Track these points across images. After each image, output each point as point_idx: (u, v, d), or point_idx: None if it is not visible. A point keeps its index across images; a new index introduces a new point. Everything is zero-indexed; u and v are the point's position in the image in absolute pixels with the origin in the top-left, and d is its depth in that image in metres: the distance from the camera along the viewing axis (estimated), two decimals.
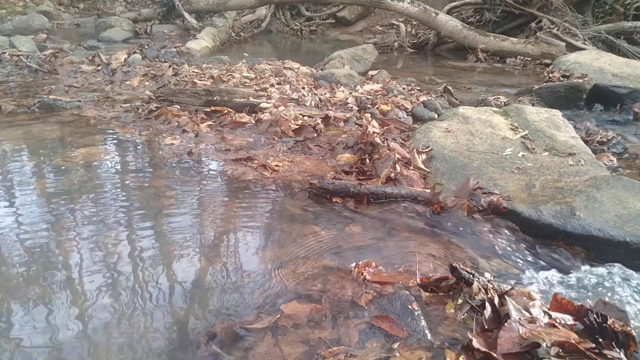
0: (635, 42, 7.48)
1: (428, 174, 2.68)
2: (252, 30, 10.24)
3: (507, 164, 2.65)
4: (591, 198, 2.17)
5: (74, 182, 2.55)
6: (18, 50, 6.09)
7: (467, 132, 3.08)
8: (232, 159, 2.89)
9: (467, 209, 2.24)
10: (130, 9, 12.35)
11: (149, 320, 1.53)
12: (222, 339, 1.43)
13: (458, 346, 1.39)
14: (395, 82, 5.15)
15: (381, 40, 9.51)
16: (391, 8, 8.39)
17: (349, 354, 1.35)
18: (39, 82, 4.92)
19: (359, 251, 1.95)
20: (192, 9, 9.68)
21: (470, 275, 1.62)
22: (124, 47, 7.28)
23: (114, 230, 2.08)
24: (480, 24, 8.85)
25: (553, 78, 5.44)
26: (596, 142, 3.48)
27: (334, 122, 3.63)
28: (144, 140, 3.28)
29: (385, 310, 1.53)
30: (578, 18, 8.22)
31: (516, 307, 1.44)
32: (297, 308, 1.55)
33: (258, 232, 2.15)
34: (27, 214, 2.20)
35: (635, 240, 1.93)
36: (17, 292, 1.65)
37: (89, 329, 1.48)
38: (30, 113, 3.79)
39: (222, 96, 3.98)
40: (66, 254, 1.89)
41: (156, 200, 2.36)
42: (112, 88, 4.76)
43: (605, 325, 1.34)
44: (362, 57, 7.02)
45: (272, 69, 5.46)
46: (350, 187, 2.40)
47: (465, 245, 2.04)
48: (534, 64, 7.10)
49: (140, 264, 1.85)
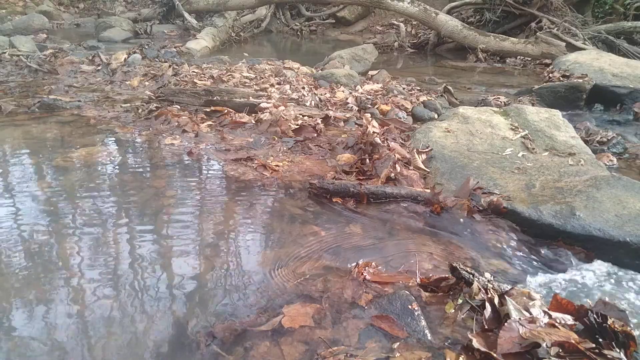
0: (635, 42, 7.48)
1: (428, 174, 2.68)
2: (252, 30, 10.24)
3: (507, 164, 2.65)
4: (591, 198, 2.17)
5: (74, 182, 2.55)
6: (18, 50, 6.09)
7: (467, 132, 3.08)
8: (232, 159, 2.89)
9: (467, 209, 2.24)
10: (130, 9, 12.34)
11: (149, 320, 1.53)
12: (222, 339, 1.43)
13: (458, 346, 1.39)
14: (395, 82, 5.15)
15: (381, 40, 9.50)
16: (391, 8, 8.39)
17: (349, 354, 1.35)
18: (39, 82, 4.92)
19: (359, 251, 1.95)
20: (192, 9, 9.68)
21: (470, 275, 1.62)
22: (124, 47, 7.28)
23: (114, 230, 2.09)
24: (480, 24, 8.85)
25: (553, 78, 5.45)
26: (596, 142, 3.48)
27: (334, 122, 3.63)
28: (144, 140, 3.27)
29: (385, 310, 1.53)
30: (578, 18, 8.22)
31: (516, 307, 1.44)
32: (298, 310, 1.54)
33: (258, 232, 2.15)
34: (27, 213, 2.20)
35: (635, 240, 1.93)
36: (16, 292, 1.65)
37: (89, 329, 1.48)
38: (30, 113, 3.79)
39: (222, 96, 3.98)
40: (66, 254, 1.89)
41: (156, 200, 2.36)
42: (112, 88, 4.76)
43: (605, 325, 1.34)
44: (362, 57, 7.02)
45: (272, 69, 5.46)
46: (350, 187, 2.40)
47: (465, 245, 2.04)
48: (534, 64, 7.10)
49: (140, 263, 1.85)
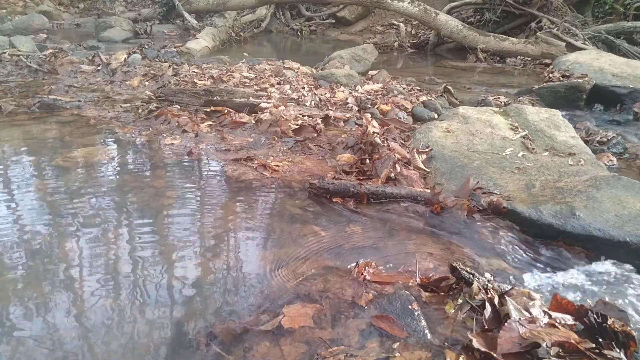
0: (635, 42, 7.48)
1: (428, 174, 2.68)
2: (252, 30, 10.24)
3: (507, 164, 2.65)
4: (591, 198, 2.17)
5: (74, 182, 2.55)
6: (18, 50, 6.09)
7: (467, 132, 3.08)
8: (232, 159, 2.89)
9: (467, 209, 2.24)
10: (130, 9, 12.33)
11: (149, 320, 1.53)
12: (222, 338, 1.43)
13: (458, 346, 1.39)
14: (395, 82, 5.15)
15: (381, 40, 9.50)
16: (391, 8, 8.39)
17: (349, 354, 1.35)
18: (39, 82, 4.91)
19: (359, 251, 1.95)
20: (192, 9, 9.67)
21: (470, 275, 1.62)
22: (124, 47, 7.27)
23: (114, 230, 2.09)
24: (480, 24, 8.85)
25: (553, 78, 5.45)
26: (596, 142, 3.49)
27: (334, 122, 3.63)
28: (144, 140, 3.27)
29: (385, 310, 1.53)
30: (578, 18, 8.22)
31: (516, 307, 1.44)
32: (299, 310, 1.54)
33: (258, 232, 2.15)
34: (27, 213, 2.20)
35: (635, 240, 1.93)
36: (16, 291, 1.65)
37: (89, 329, 1.48)
38: (30, 113, 3.79)
39: (222, 96, 3.98)
40: (66, 254, 1.89)
41: (156, 200, 2.36)
42: (112, 88, 4.75)
43: (605, 325, 1.34)
44: (362, 57, 7.02)
45: (272, 69, 5.46)
46: (350, 187, 2.40)
47: (465, 245, 2.04)
48: (534, 64, 7.10)
49: (140, 263, 1.85)
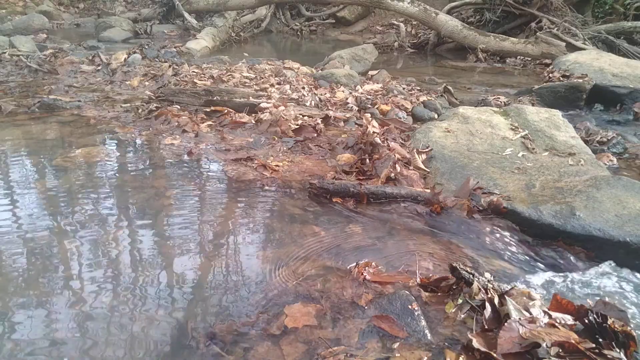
0: (635, 42, 7.48)
1: (428, 174, 2.68)
2: (252, 30, 10.24)
3: (507, 164, 2.65)
4: (591, 198, 2.17)
5: (74, 182, 2.55)
6: (18, 50, 6.09)
7: (467, 132, 3.08)
8: (232, 159, 2.89)
9: (467, 209, 2.24)
10: (130, 9, 12.33)
11: (149, 320, 1.53)
12: (223, 338, 1.43)
13: (458, 346, 1.39)
14: (395, 82, 5.15)
15: (381, 40, 9.49)
16: (391, 8, 8.39)
17: (349, 354, 1.35)
18: (39, 82, 4.92)
19: (359, 251, 1.95)
20: (192, 9, 9.67)
21: (470, 275, 1.62)
22: (124, 47, 7.27)
23: (114, 230, 2.09)
24: (480, 24, 8.85)
25: (553, 78, 5.45)
26: (596, 142, 3.48)
27: (334, 122, 3.63)
28: (144, 140, 3.28)
29: (385, 310, 1.53)
30: (578, 18, 8.22)
31: (516, 307, 1.44)
32: (299, 310, 1.54)
33: (258, 232, 2.15)
34: (27, 213, 2.20)
35: (635, 240, 1.93)
36: (16, 291, 1.65)
37: (89, 329, 1.48)
38: (30, 113, 3.79)
39: (222, 96, 3.98)
40: (66, 254, 1.89)
41: (156, 200, 2.36)
42: (112, 88, 4.76)
43: (605, 325, 1.34)
44: (362, 57, 7.02)
45: (272, 69, 5.46)
46: (350, 187, 2.40)
47: (465, 245, 2.04)
48: (534, 64, 7.10)
49: (141, 263, 1.85)
